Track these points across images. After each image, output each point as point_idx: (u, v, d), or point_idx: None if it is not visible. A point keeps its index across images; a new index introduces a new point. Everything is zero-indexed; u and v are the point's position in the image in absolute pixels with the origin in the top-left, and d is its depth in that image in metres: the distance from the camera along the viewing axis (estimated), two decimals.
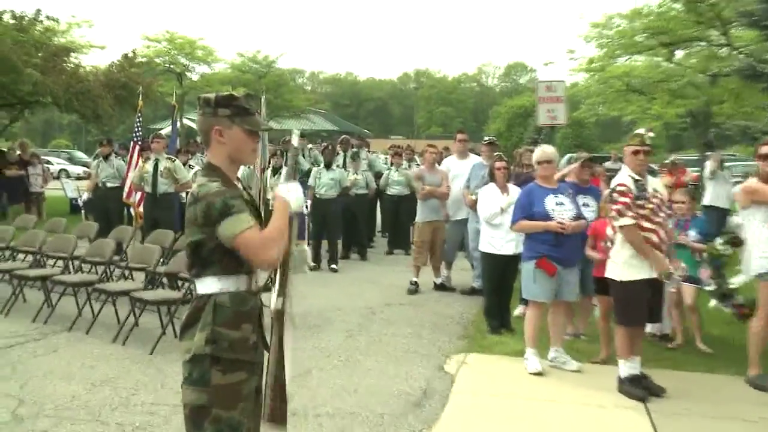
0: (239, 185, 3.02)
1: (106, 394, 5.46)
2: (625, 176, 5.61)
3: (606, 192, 6.24)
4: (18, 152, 18.04)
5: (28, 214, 13.44)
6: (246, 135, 2.96)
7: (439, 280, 10.07)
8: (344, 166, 13.21)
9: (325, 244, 11.91)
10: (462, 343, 7.22)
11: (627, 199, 5.46)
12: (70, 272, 8.78)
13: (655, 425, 5.00)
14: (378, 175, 14.04)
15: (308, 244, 11.76)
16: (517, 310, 8.17)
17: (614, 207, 5.54)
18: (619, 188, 5.55)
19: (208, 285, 2.90)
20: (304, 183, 12.08)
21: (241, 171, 11.76)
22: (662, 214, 5.53)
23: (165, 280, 8.18)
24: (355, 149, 14.04)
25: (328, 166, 11.87)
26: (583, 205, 6.88)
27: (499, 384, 5.92)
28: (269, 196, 11.54)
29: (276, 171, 11.71)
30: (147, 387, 5.65)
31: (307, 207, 11.65)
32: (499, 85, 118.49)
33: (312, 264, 11.53)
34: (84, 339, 7.10)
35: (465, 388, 5.80)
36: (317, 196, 11.67)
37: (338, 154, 13.81)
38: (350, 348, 6.93)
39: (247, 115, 2.97)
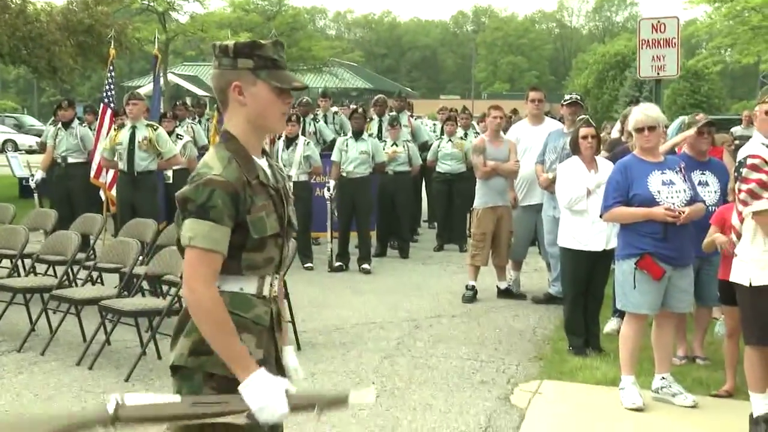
0: (263, 162, 3.07)
1: None
2: (757, 145, 5.53)
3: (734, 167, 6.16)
4: None
5: None
6: (274, 94, 3.00)
7: (504, 285, 10.08)
8: (379, 135, 13.24)
9: (354, 237, 11.97)
10: (534, 367, 7.21)
11: (762, 176, 5.39)
12: (19, 275, 8.91)
13: None
14: (424, 147, 14.05)
15: (331, 238, 11.84)
16: (609, 325, 8.14)
17: (744, 187, 5.47)
18: (750, 161, 5.47)
19: None
20: (326, 156, 12.15)
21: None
22: None
23: (145, 284, 8.28)
24: (393, 113, 14.05)
25: (357, 135, 11.90)
26: (700, 183, 6.82)
27: (584, 422, 5.91)
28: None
29: (290, 142, 11.78)
30: None
31: (329, 190, 11.72)
32: (586, 26, 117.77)
33: (337, 263, 11.61)
34: (38, 362, 7.20)
35: (538, 427, 5.80)
36: (344, 174, 11.70)
37: (371, 119, 13.86)
38: (388, 373, 6.95)
39: (276, 68, 3.01)
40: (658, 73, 12.40)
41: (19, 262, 8.94)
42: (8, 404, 6.14)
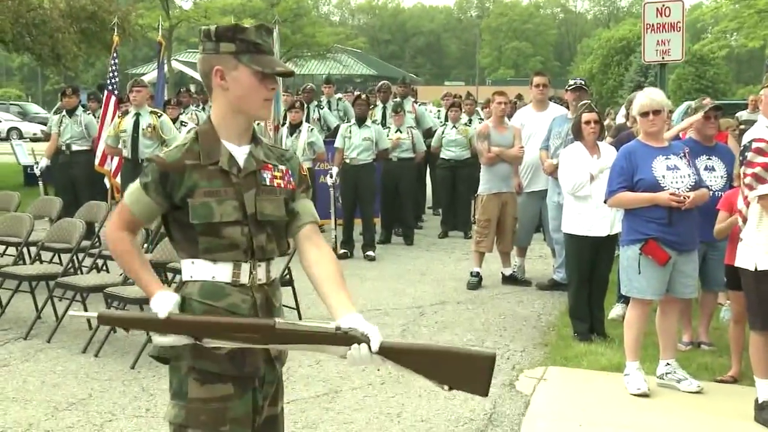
0: (241, 148, 3.03)
1: (74, 421, 5.57)
2: (763, 129, 5.52)
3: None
4: None
5: None
6: (255, 79, 2.95)
7: (509, 271, 10.09)
8: (383, 121, 13.25)
9: (358, 224, 11.98)
10: (539, 354, 7.23)
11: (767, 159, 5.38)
12: (24, 262, 8.93)
13: None
14: (429, 134, 14.06)
15: (336, 225, 11.85)
16: (614, 311, 8.15)
17: (749, 171, 5.46)
18: (755, 145, 5.46)
19: (184, 270, 3.03)
20: (330, 143, 12.15)
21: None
22: None
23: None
24: (397, 99, 14.06)
25: (361, 121, 11.91)
26: (707, 169, 6.81)
27: (589, 408, 5.91)
28: None
29: (294, 129, 11.78)
30: (127, 411, 5.76)
31: (332, 177, 11.73)
32: (591, 11, 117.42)
33: (341, 251, 11.62)
34: (44, 349, 7.24)
35: (543, 413, 5.81)
36: (347, 161, 11.71)
37: (375, 105, 13.86)
38: None
39: (259, 52, 2.97)
40: (662, 58, 12.34)
41: (25, 250, 8.97)
42: (15, 391, 6.16)
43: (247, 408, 2.97)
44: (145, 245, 8.17)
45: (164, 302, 2.87)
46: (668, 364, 6.31)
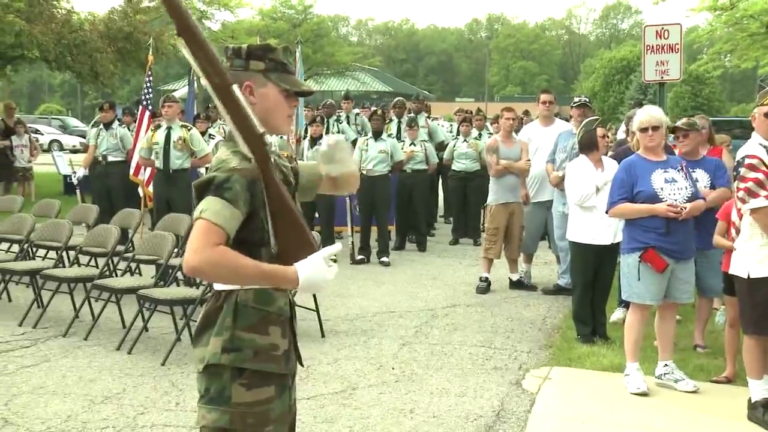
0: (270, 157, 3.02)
1: (109, 414, 5.59)
2: (755, 145, 5.49)
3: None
4: (0, 117, 18.21)
5: (13, 195, 13.75)
6: (282, 96, 2.98)
7: (516, 277, 10.06)
8: (398, 135, 13.24)
9: (374, 232, 11.98)
10: (544, 355, 7.21)
11: (759, 175, 5.36)
12: (64, 265, 8.99)
13: None
14: (441, 147, 14.05)
15: (353, 232, 11.86)
16: (615, 315, 8.13)
17: (742, 185, 5.44)
18: (747, 161, 5.44)
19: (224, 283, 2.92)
20: None
21: (272, 143, 11.91)
22: None
23: (180, 275, 8.31)
24: (411, 114, 14.04)
25: (377, 135, 11.91)
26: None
27: (591, 406, 5.89)
28: None
29: (314, 141, 11.79)
30: (158, 405, 5.77)
31: None
32: (593, 33, 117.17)
33: (359, 257, 11.63)
34: (81, 346, 7.27)
35: (548, 411, 5.78)
36: (364, 172, 11.70)
37: (391, 120, 13.86)
38: (406, 359, 6.96)
39: (285, 72, 2.99)
40: (661, 77, 12.31)
41: (64, 254, 9.02)
42: (55, 385, 6.18)
43: (285, 406, 2.97)
44: (176, 250, 8.20)
45: (317, 260, 2.82)
46: (666, 365, 6.29)
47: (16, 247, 9.57)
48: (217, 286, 2.94)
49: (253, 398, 2.86)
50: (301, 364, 3.11)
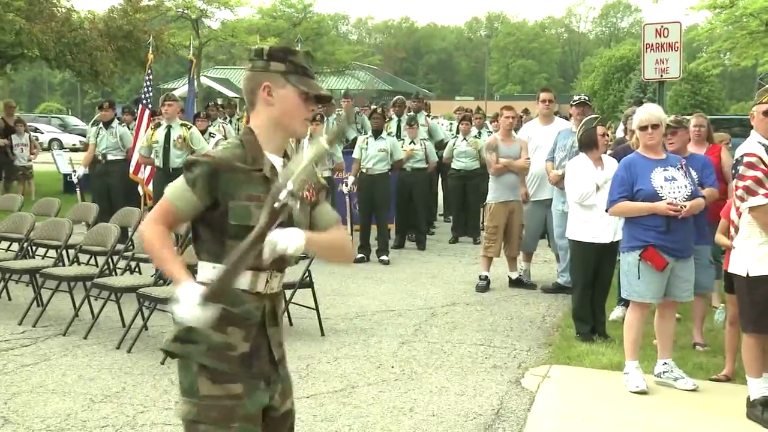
0: (278, 160, 3.02)
1: (109, 413, 5.58)
2: (754, 144, 5.48)
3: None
4: (0, 116, 18.22)
5: (13, 194, 13.74)
6: (300, 99, 2.99)
7: (515, 275, 10.06)
8: (398, 134, 13.23)
9: (374, 230, 11.97)
10: (544, 353, 7.21)
11: (758, 173, 5.35)
12: (64, 264, 8.97)
13: None
14: (440, 145, 14.05)
15: (352, 231, 11.85)
16: (614, 313, 8.12)
17: (740, 184, 5.43)
18: (746, 159, 5.43)
19: (201, 271, 3.00)
20: (348, 154, 12.17)
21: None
22: None
23: None
24: (411, 113, 14.04)
25: (377, 133, 11.90)
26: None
27: (591, 405, 5.89)
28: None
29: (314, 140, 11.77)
30: (158, 404, 5.76)
31: (347, 185, 11.80)
32: (593, 31, 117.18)
33: (359, 255, 11.62)
34: (81, 345, 7.26)
35: (547, 409, 5.79)
36: (364, 170, 11.72)
37: (391, 119, 13.85)
38: (406, 358, 6.95)
39: (305, 75, 3.00)
40: (661, 76, 12.30)
41: (64, 252, 9.00)
42: (54, 383, 6.18)
43: (255, 407, 2.96)
44: (175, 248, 8.18)
45: (191, 292, 2.79)
46: (665, 363, 6.28)
47: (15, 246, 9.57)
48: (197, 278, 3.00)
49: (218, 392, 2.88)
50: (277, 369, 3.07)
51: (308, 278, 7.82)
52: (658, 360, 6.32)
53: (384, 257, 11.63)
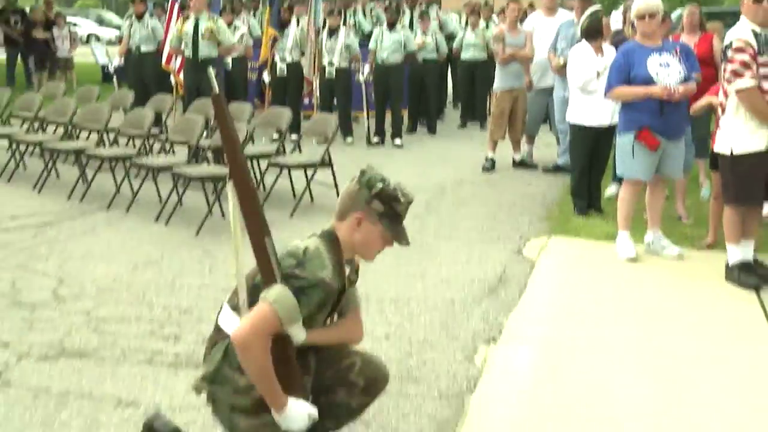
0: (347, 267, 3.00)
1: (150, 276, 5.71)
2: (743, 29, 5.38)
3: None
4: (42, 10, 18.01)
5: (56, 82, 13.72)
6: (382, 239, 2.98)
7: (518, 157, 10.06)
8: (411, 26, 13.06)
9: (388, 116, 11.93)
10: (543, 226, 7.27)
11: (745, 57, 5.28)
12: (104, 145, 9.00)
13: None
14: (450, 38, 13.87)
15: (368, 116, 11.84)
16: (609, 190, 8.15)
17: (729, 67, 5.37)
18: (735, 44, 5.35)
19: (230, 321, 2.90)
20: (364, 46, 12.04)
21: (293, 34, 11.74)
22: None
23: (210, 154, 8.36)
24: (423, 7, 13.81)
25: (391, 26, 11.74)
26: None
27: (585, 271, 5.98)
28: (325, 62, 11.51)
29: (332, 32, 11.62)
30: (193, 270, 5.88)
31: (363, 74, 11.75)
32: None
33: (375, 139, 11.64)
34: (124, 218, 7.37)
35: (546, 275, 5.87)
36: (379, 61, 11.62)
37: (404, 12, 13.63)
38: (418, 230, 6.98)
39: (397, 223, 2.97)
40: None
41: (104, 135, 9.05)
42: (101, 251, 6.31)
43: None
44: (205, 132, 8.18)
45: (302, 411, 2.81)
46: (655, 233, 6.33)
47: (61, 130, 9.61)
48: (221, 323, 2.95)
49: (256, 421, 2.84)
50: (306, 399, 2.94)
51: (328, 159, 7.85)
52: (647, 231, 6.38)
53: (398, 141, 11.64)
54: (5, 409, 3.72)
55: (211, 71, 3.09)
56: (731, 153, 5.48)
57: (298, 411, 2.79)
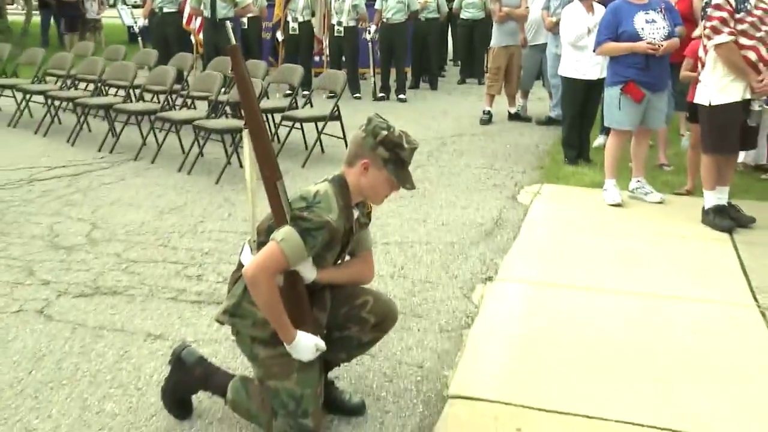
0: (356, 211, 2.94)
1: (174, 222, 5.73)
2: None
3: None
4: None
5: (86, 42, 13.62)
6: (388, 184, 2.89)
7: (513, 110, 10.01)
8: None
9: (393, 73, 11.84)
10: (536, 174, 7.25)
11: (724, 14, 5.20)
12: (131, 101, 8.99)
13: (741, 256, 5.01)
14: None
15: (374, 72, 11.75)
16: (597, 141, 8.12)
17: (708, 24, 5.30)
18: (714, 2, 5.27)
19: (249, 259, 2.83)
20: (370, 6, 11.89)
21: None
22: (766, 28, 5.26)
23: (228, 108, 8.32)
24: None
25: None
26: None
27: (575, 215, 5.97)
28: (334, 21, 11.39)
29: None
30: (213, 215, 5.89)
31: (369, 32, 11.63)
32: None
33: (380, 94, 11.56)
34: (149, 168, 7.37)
35: (538, 219, 5.87)
36: (384, 20, 11.49)
37: None
38: (420, 178, 7.00)
39: (402, 168, 2.88)
40: None
41: (131, 91, 9.01)
42: (129, 198, 6.32)
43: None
44: (224, 88, 8.13)
45: (310, 343, 2.79)
46: (638, 180, 6.33)
47: (91, 87, 9.56)
48: (243, 259, 2.88)
49: (274, 352, 2.82)
50: (318, 334, 2.89)
51: (337, 112, 7.81)
52: (632, 178, 6.37)
53: (401, 96, 11.58)
54: (48, 339, 3.78)
55: (228, 25, 3.03)
56: (709, 104, 5.44)
57: (306, 343, 2.79)
